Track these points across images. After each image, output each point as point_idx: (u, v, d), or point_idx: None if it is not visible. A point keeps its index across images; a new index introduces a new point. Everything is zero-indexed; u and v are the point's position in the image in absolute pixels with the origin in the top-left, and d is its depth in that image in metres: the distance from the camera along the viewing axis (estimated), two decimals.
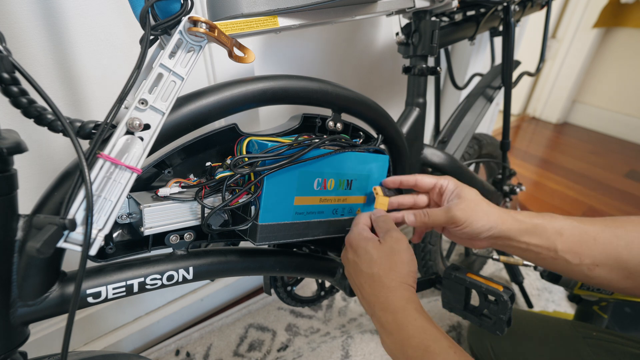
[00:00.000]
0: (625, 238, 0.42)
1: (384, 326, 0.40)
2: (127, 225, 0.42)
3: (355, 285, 0.45)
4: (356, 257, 0.45)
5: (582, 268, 0.44)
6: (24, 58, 0.54)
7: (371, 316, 0.43)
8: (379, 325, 0.41)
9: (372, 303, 0.42)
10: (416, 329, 0.38)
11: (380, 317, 0.41)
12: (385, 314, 0.40)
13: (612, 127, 2.31)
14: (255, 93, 0.42)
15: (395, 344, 0.38)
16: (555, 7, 2.19)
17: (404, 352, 0.37)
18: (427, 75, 0.65)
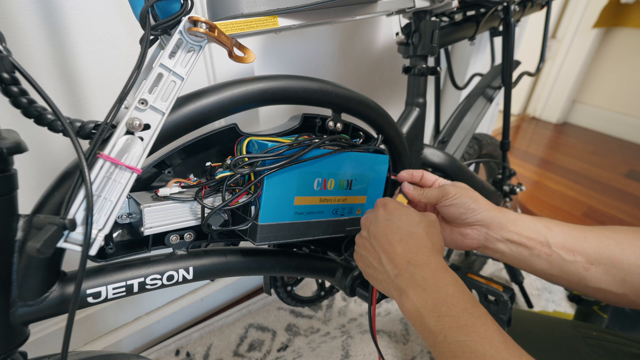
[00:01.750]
0: (614, 238, 0.42)
1: (417, 282, 0.37)
2: (127, 225, 0.42)
3: (381, 244, 0.42)
4: (392, 215, 0.43)
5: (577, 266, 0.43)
6: (24, 58, 0.54)
7: (396, 276, 0.40)
8: (408, 281, 0.38)
9: (406, 259, 0.39)
10: (456, 289, 0.36)
11: (414, 273, 0.38)
12: (422, 270, 0.38)
13: (612, 127, 2.31)
14: (255, 93, 0.42)
15: (427, 301, 0.36)
16: (555, 7, 2.19)
17: (436, 309, 0.35)
18: (427, 75, 0.65)
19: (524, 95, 2.56)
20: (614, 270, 0.41)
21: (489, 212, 0.47)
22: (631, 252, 0.41)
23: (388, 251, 0.41)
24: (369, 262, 0.44)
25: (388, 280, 0.41)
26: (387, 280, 0.41)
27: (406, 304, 0.38)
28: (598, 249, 0.42)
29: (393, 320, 0.94)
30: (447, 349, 0.33)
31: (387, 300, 1.05)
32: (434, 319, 0.35)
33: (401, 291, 0.39)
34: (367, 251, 0.44)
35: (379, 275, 0.42)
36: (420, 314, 0.36)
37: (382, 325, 0.93)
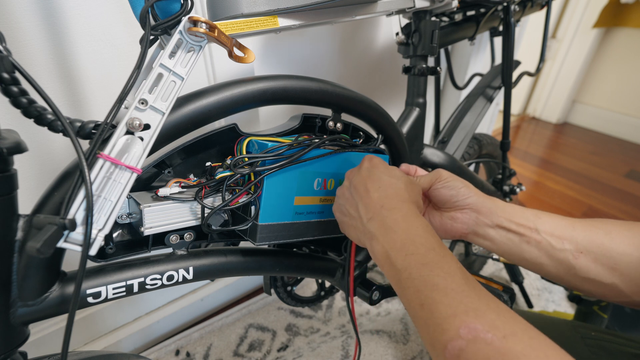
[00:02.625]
0: (603, 228, 0.42)
1: (388, 225, 0.38)
2: (127, 225, 0.42)
3: (359, 192, 0.43)
4: (375, 167, 0.44)
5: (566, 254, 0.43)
6: (24, 58, 0.54)
7: (369, 220, 0.40)
8: (378, 225, 0.39)
9: (380, 204, 0.40)
10: (425, 231, 0.37)
11: (386, 217, 0.39)
12: (394, 213, 0.39)
13: (612, 127, 2.31)
14: (255, 93, 0.42)
15: (396, 242, 0.37)
16: (555, 7, 2.19)
17: (404, 249, 0.36)
18: (427, 75, 0.65)
19: (524, 95, 2.56)
20: (604, 259, 0.41)
21: (480, 197, 0.47)
22: (620, 241, 0.41)
23: (364, 198, 0.42)
24: (346, 211, 0.44)
25: (361, 227, 0.42)
26: (360, 226, 0.42)
27: (376, 248, 0.39)
28: (587, 238, 0.42)
29: (393, 320, 0.94)
30: (411, 285, 0.34)
31: (387, 301, 1.05)
32: (401, 258, 0.36)
33: (372, 236, 0.39)
34: (345, 200, 0.45)
35: (354, 222, 0.43)
36: (388, 255, 0.37)
37: (382, 325, 0.93)
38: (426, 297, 0.32)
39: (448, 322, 0.30)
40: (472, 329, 0.28)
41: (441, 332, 0.30)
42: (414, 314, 0.34)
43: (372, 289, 0.58)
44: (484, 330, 0.28)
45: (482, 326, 0.28)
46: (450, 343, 0.29)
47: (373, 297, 0.58)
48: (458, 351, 0.28)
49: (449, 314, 0.30)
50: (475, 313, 0.29)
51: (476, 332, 0.28)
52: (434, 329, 0.31)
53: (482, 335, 0.28)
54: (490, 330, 0.28)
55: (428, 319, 0.31)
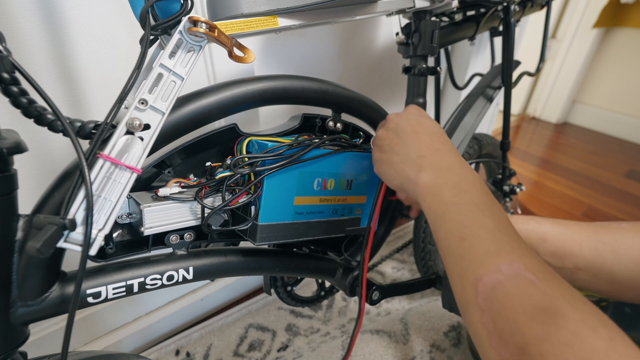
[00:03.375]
0: (611, 244, 0.42)
1: (442, 165, 0.37)
2: (127, 225, 0.42)
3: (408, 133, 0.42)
4: (423, 116, 0.45)
5: (564, 271, 0.44)
6: (24, 58, 0.54)
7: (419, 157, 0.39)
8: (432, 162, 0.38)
9: (434, 147, 0.39)
10: (479, 180, 0.36)
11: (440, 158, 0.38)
12: (449, 156, 0.38)
13: (612, 127, 2.31)
14: (255, 93, 0.42)
15: (449, 179, 0.36)
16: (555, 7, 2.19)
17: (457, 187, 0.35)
18: (427, 75, 0.65)
19: (524, 95, 2.56)
20: (603, 274, 0.42)
21: None
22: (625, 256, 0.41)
23: (416, 139, 0.41)
24: (389, 149, 0.43)
25: (407, 161, 0.40)
26: (407, 161, 0.40)
27: (424, 178, 0.37)
28: (590, 258, 0.42)
29: (393, 320, 0.94)
30: (456, 218, 0.33)
31: (387, 301, 1.05)
32: (453, 193, 0.35)
33: (421, 168, 0.38)
34: (389, 140, 0.43)
35: (397, 158, 0.41)
36: (438, 187, 0.36)
37: (382, 325, 0.93)
38: (470, 232, 0.31)
39: (489, 256, 0.29)
40: (514, 266, 0.27)
41: (479, 265, 0.29)
42: (448, 246, 0.32)
43: (372, 289, 0.58)
44: (526, 269, 0.27)
45: (524, 266, 0.27)
46: (487, 275, 0.28)
47: (373, 297, 0.58)
48: (494, 283, 0.27)
49: (492, 251, 0.29)
50: (521, 254, 0.28)
51: (519, 269, 0.27)
52: (470, 262, 0.30)
53: (524, 273, 0.27)
54: (533, 272, 0.27)
55: (466, 253, 0.30)
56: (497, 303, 0.26)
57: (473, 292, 0.28)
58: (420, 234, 0.88)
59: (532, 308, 0.25)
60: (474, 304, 0.28)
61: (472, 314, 0.28)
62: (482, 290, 0.28)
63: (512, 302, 0.26)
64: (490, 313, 0.27)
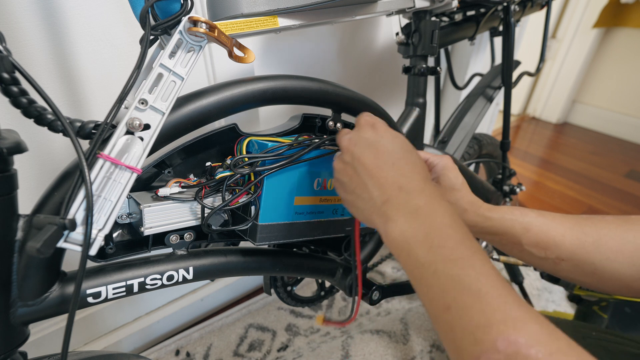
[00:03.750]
0: (593, 235, 0.42)
1: (409, 210, 0.33)
2: (127, 225, 0.42)
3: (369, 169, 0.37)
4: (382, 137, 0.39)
5: (547, 262, 0.44)
6: (24, 58, 0.54)
7: (384, 203, 0.35)
8: (398, 209, 0.34)
9: (398, 185, 0.35)
10: (453, 220, 0.33)
11: (406, 201, 0.34)
12: (416, 197, 0.34)
13: (612, 127, 2.31)
14: (255, 93, 0.42)
15: (419, 231, 0.32)
16: (555, 7, 2.19)
17: (428, 240, 0.31)
18: (427, 75, 0.65)
19: (524, 95, 2.56)
20: (585, 265, 0.42)
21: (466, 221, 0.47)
22: (607, 247, 0.41)
23: (377, 177, 0.36)
24: (351, 189, 0.39)
25: (373, 208, 0.36)
26: (372, 208, 0.36)
27: (393, 232, 0.33)
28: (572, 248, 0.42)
29: (393, 320, 0.94)
30: (435, 283, 0.29)
31: (387, 301, 1.05)
32: (425, 250, 0.31)
33: (388, 218, 0.34)
34: (349, 178, 0.39)
35: (362, 204, 0.38)
36: (408, 244, 0.32)
37: (382, 325, 0.93)
38: (454, 300, 0.28)
39: (482, 331, 0.26)
40: (512, 342, 0.24)
41: (473, 343, 0.26)
42: (436, 316, 0.30)
43: (372, 289, 0.58)
44: (527, 345, 0.24)
45: (524, 340, 0.24)
46: (484, 355, 0.25)
47: (373, 297, 0.58)
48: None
49: (482, 323, 0.26)
50: (515, 323, 0.25)
51: (517, 346, 0.24)
52: (462, 337, 0.27)
53: (524, 350, 0.24)
54: (534, 345, 0.24)
55: (455, 325, 0.27)
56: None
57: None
58: None
59: None
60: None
61: None
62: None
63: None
64: None
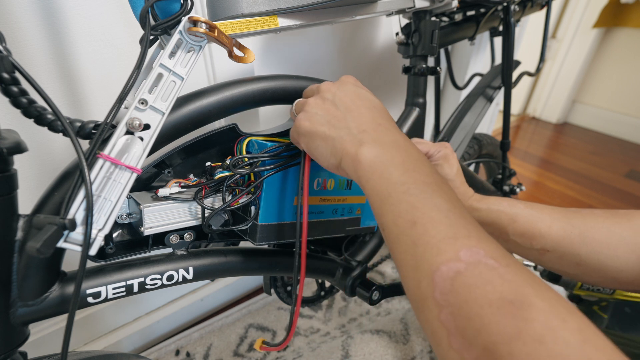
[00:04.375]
0: (580, 227, 0.42)
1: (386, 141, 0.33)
2: (127, 225, 0.42)
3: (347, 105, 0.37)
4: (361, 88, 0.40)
5: (532, 252, 0.44)
6: (24, 58, 0.54)
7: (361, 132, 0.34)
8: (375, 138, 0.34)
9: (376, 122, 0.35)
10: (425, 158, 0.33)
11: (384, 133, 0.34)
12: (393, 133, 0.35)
13: (612, 127, 2.31)
14: (255, 93, 0.42)
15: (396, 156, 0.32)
16: (555, 7, 2.19)
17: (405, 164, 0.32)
18: (427, 75, 0.65)
19: (524, 95, 2.56)
20: (570, 256, 0.42)
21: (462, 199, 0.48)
22: (592, 239, 0.41)
23: (356, 111, 0.36)
24: (326, 120, 0.37)
25: (347, 136, 0.35)
26: (346, 136, 0.35)
27: (368, 154, 0.32)
28: (558, 239, 0.42)
29: (393, 320, 0.94)
30: (405, 200, 0.29)
31: (387, 301, 1.05)
32: (400, 171, 0.31)
33: (363, 143, 0.33)
34: (326, 110, 0.37)
35: (335, 132, 0.36)
36: (383, 164, 0.32)
37: (382, 325, 0.93)
38: (423, 215, 0.28)
39: (446, 242, 0.26)
40: (474, 252, 0.25)
41: (436, 253, 0.26)
42: (398, 233, 0.29)
43: (372, 289, 0.58)
44: (487, 255, 0.24)
45: (485, 251, 0.25)
46: (445, 264, 0.25)
47: (373, 297, 0.58)
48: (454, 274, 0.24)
49: (448, 235, 0.26)
50: (479, 238, 0.26)
51: (479, 256, 0.24)
52: (425, 249, 0.26)
53: (485, 260, 0.24)
54: (494, 257, 0.24)
55: (419, 239, 0.27)
56: (458, 296, 0.23)
57: (429, 284, 0.25)
58: None
59: (498, 300, 0.22)
60: (431, 298, 0.25)
61: (429, 311, 0.25)
62: (439, 283, 0.25)
63: (475, 294, 0.23)
64: (450, 309, 0.24)
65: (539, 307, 0.21)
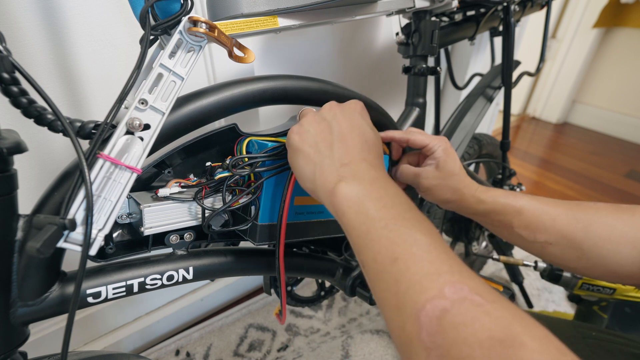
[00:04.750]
0: (584, 221, 0.42)
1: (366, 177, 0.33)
2: (127, 225, 0.42)
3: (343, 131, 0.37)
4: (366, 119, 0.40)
5: (535, 245, 0.45)
6: (24, 58, 0.54)
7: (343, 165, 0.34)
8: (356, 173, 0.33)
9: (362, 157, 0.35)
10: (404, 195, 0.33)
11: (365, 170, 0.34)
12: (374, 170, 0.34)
13: (612, 127, 2.31)
14: (255, 93, 0.42)
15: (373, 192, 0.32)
16: (555, 7, 2.19)
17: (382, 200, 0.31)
18: (427, 75, 0.65)
19: (524, 95, 2.56)
20: (573, 250, 0.42)
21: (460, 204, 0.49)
22: (595, 234, 0.41)
23: (347, 141, 0.36)
24: (314, 142, 0.37)
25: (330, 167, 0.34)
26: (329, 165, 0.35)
27: (346, 189, 0.32)
28: (562, 233, 0.43)
29: None
30: (385, 235, 0.28)
31: None
32: (378, 207, 0.30)
33: (342, 177, 0.33)
34: (319, 131, 0.37)
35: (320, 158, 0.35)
36: (361, 200, 0.31)
37: (382, 325, 0.93)
38: (403, 251, 0.27)
39: (430, 279, 0.25)
40: (459, 289, 0.24)
41: (419, 291, 0.25)
42: (378, 270, 0.28)
43: None
44: (471, 291, 0.24)
45: (469, 287, 0.24)
46: (430, 302, 0.24)
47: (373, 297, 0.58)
48: (440, 312, 0.23)
49: (431, 271, 0.25)
50: (461, 273, 0.25)
51: (464, 292, 0.24)
52: (408, 286, 0.25)
53: (470, 296, 0.23)
54: (479, 293, 0.24)
55: (401, 276, 0.26)
56: (447, 337, 0.22)
57: (415, 325, 0.24)
58: None
59: (487, 339, 0.21)
60: (417, 341, 0.23)
61: (416, 355, 0.24)
62: (426, 323, 0.23)
63: (464, 334, 0.22)
64: (439, 351, 0.22)
65: (530, 347, 0.21)
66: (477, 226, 0.98)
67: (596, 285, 0.72)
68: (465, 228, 0.97)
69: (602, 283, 0.72)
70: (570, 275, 0.73)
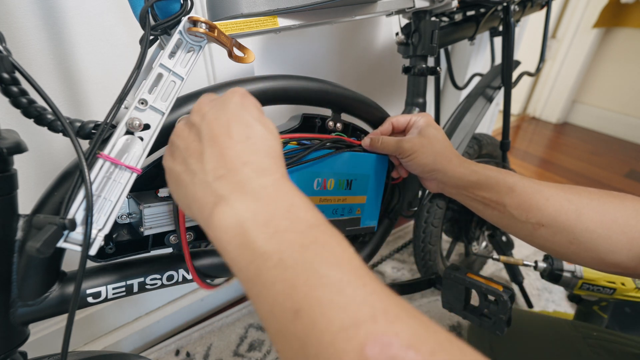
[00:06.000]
0: (576, 204, 0.41)
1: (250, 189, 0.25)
2: (127, 225, 0.42)
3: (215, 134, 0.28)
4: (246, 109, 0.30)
5: (527, 226, 0.44)
6: (23, 58, 0.54)
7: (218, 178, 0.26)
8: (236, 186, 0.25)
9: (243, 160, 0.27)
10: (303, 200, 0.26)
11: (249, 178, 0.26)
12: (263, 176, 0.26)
13: (612, 127, 2.31)
14: (255, 93, 0.42)
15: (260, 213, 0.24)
16: (555, 7, 2.19)
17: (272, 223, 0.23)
18: (427, 75, 0.65)
19: (524, 95, 2.56)
20: (564, 233, 0.42)
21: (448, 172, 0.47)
22: (587, 217, 0.41)
23: (221, 146, 0.27)
24: (182, 158, 0.29)
25: (202, 186, 0.27)
26: (202, 183, 0.27)
27: (223, 216, 0.24)
28: (554, 214, 0.42)
29: None
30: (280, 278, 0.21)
31: None
32: (267, 236, 0.23)
33: (219, 198, 0.25)
34: (186, 143, 0.29)
35: (188, 178, 0.28)
36: (243, 229, 0.23)
37: None
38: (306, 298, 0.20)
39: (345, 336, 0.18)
40: (385, 344, 0.18)
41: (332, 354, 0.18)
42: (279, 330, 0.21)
43: None
44: (403, 345, 0.18)
45: (400, 340, 0.18)
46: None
47: None
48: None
49: (346, 324, 0.19)
50: (387, 318, 0.19)
51: (392, 348, 0.18)
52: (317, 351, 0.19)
53: (401, 353, 0.18)
54: (413, 344, 0.18)
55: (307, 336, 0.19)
56: None
57: None
58: (420, 234, 0.88)
59: None
60: None
61: None
62: None
63: None
64: None
65: None
66: (477, 226, 0.98)
67: (596, 285, 0.72)
68: (465, 228, 0.97)
69: (602, 283, 0.72)
70: (570, 275, 0.73)
